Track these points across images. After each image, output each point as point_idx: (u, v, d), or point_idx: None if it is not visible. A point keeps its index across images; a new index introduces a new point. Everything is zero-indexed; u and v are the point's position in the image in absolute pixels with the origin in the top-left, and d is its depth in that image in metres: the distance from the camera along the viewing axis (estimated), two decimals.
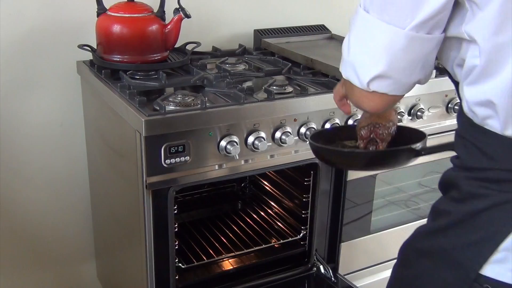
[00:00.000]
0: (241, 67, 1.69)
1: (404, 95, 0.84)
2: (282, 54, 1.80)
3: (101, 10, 1.57)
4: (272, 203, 1.90)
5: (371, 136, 1.09)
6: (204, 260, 1.62)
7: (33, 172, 1.77)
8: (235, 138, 1.37)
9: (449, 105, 1.70)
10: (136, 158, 1.32)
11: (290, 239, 1.72)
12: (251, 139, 1.40)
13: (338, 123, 1.51)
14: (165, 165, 1.31)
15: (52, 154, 1.77)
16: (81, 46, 1.60)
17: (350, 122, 1.54)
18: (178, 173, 1.34)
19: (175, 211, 1.41)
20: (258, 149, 1.40)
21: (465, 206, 0.78)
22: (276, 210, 1.87)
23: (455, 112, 1.71)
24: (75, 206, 1.87)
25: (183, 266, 1.56)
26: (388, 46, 0.76)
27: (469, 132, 0.79)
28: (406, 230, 1.82)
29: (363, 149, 1.08)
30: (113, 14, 1.54)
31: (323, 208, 1.63)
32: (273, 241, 1.73)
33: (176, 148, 1.31)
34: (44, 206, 1.82)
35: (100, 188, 1.75)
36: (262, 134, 1.41)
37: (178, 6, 1.57)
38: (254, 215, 1.86)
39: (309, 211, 1.64)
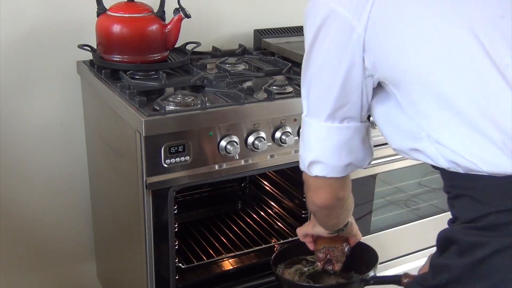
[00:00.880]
0: (241, 67, 1.69)
1: (345, 180, 0.98)
2: (282, 54, 1.80)
3: (101, 10, 1.57)
4: (272, 203, 1.90)
5: (327, 257, 1.30)
6: (204, 260, 1.62)
7: (33, 172, 1.77)
8: (235, 138, 1.37)
9: None
10: (136, 158, 1.32)
11: (290, 239, 1.72)
12: (251, 139, 1.40)
13: None
14: (165, 165, 1.31)
15: (52, 154, 1.77)
16: (81, 46, 1.60)
17: None
18: (178, 173, 1.34)
19: (175, 211, 1.41)
20: (258, 149, 1.40)
21: (465, 258, 0.77)
22: (276, 210, 1.87)
23: None
24: (75, 206, 1.87)
25: (183, 266, 1.56)
26: (315, 136, 0.93)
27: (458, 184, 0.81)
28: (406, 230, 1.83)
29: (319, 285, 1.30)
30: (113, 14, 1.54)
31: None
32: (273, 241, 1.73)
33: (176, 148, 1.31)
34: (44, 206, 1.82)
35: (100, 188, 1.75)
36: (262, 134, 1.41)
37: (178, 6, 1.57)
38: (254, 215, 1.86)
39: (309, 211, 1.64)
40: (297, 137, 1.46)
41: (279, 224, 1.82)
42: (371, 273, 1.26)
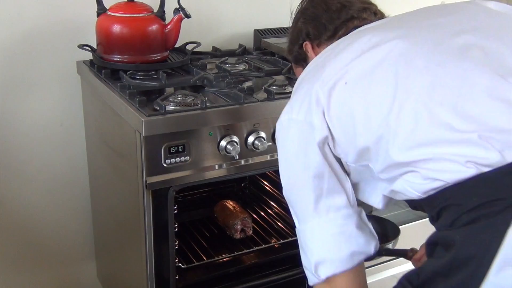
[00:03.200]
0: (241, 67, 1.69)
1: (358, 273, 0.97)
2: (282, 54, 1.79)
3: (101, 10, 1.57)
4: (272, 203, 1.90)
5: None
6: (204, 260, 1.62)
7: (33, 172, 1.77)
8: (235, 138, 1.37)
9: None
10: (136, 158, 1.32)
11: (290, 239, 1.72)
12: (251, 139, 1.40)
13: None
14: (165, 165, 1.31)
15: (52, 154, 1.77)
16: (81, 46, 1.60)
17: None
18: (178, 173, 1.34)
19: (175, 211, 1.41)
20: (258, 149, 1.40)
21: (450, 251, 0.80)
22: (276, 210, 1.87)
23: None
24: (75, 206, 1.87)
25: (183, 266, 1.56)
26: (310, 238, 0.96)
27: (434, 204, 0.85)
28: (406, 230, 1.82)
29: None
30: (113, 14, 1.54)
31: None
32: (273, 241, 1.73)
33: (176, 148, 1.31)
34: (44, 206, 1.82)
35: (100, 188, 1.75)
36: (262, 134, 1.41)
37: (178, 6, 1.57)
38: (254, 215, 1.86)
39: None
40: None
41: (279, 224, 1.82)
42: (388, 245, 1.36)
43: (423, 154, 0.83)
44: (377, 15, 1.14)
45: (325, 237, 0.94)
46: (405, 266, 1.79)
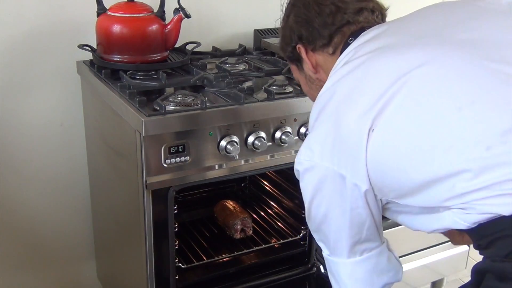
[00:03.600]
0: (241, 67, 1.69)
1: None
2: (282, 54, 1.79)
3: (101, 10, 1.57)
4: (272, 203, 1.90)
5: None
6: (204, 260, 1.62)
7: (33, 172, 1.77)
8: (235, 138, 1.37)
9: None
10: (136, 158, 1.32)
11: (290, 239, 1.72)
12: (251, 139, 1.40)
13: None
14: (165, 165, 1.31)
15: (52, 154, 1.77)
16: (81, 46, 1.60)
17: None
18: (178, 173, 1.34)
19: (175, 211, 1.41)
20: (258, 149, 1.40)
21: (503, 283, 0.80)
22: (276, 210, 1.87)
23: None
24: (75, 206, 1.87)
25: (183, 266, 1.56)
26: (344, 273, 0.98)
27: (486, 234, 0.83)
28: (406, 230, 1.82)
29: None
30: (113, 14, 1.54)
31: None
32: (273, 241, 1.73)
33: (176, 148, 1.31)
34: (44, 206, 1.82)
35: (100, 188, 1.75)
36: (262, 134, 1.41)
37: (178, 6, 1.57)
38: (254, 215, 1.86)
39: None
40: (297, 137, 1.47)
41: (279, 224, 1.81)
42: None
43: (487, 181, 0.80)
44: (375, 12, 1.07)
45: (359, 274, 0.97)
46: (405, 267, 1.79)
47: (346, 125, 0.89)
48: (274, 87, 1.47)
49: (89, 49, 1.60)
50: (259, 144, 1.39)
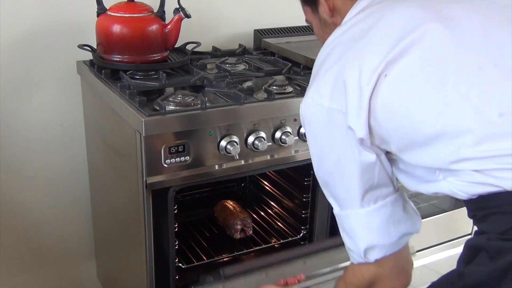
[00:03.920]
0: (241, 67, 1.69)
1: (406, 249, 0.98)
2: (282, 54, 1.80)
3: (101, 10, 1.57)
4: (272, 203, 1.90)
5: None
6: (204, 260, 1.62)
7: (33, 172, 1.77)
8: (235, 138, 1.37)
9: None
10: (136, 158, 1.32)
11: (290, 239, 1.72)
12: (251, 139, 1.40)
13: None
14: (165, 165, 1.31)
15: (52, 154, 1.77)
16: (81, 46, 1.60)
17: None
18: (178, 173, 1.34)
19: (175, 211, 1.41)
20: (258, 149, 1.40)
21: (496, 262, 0.79)
22: (276, 210, 1.87)
23: None
24: (75, 206, 1.87)
25: (183, 266, 1.56)
26: (357, 225, 0.93)
27: (483, 207, 0.83)
28: None
29: None
30: (113, 14, 1.54)
31: (323, 208, 1.63)
32: (273, 241, 1.74)
33: (176, 148, 1.31)
34: (44, 206, 1.82)
35: (100, 188, 1.75)
36: (262, 134, 1.41)
37: (178, 6, 1.57)
38: (254, 215, 1.86)
39: (309, 211, 1.64)
40: (297, 137, 1.46)
41: (279, 224, 1.82)
42: None
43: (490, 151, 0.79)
44: None
45: (374, 225, 0.92)
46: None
47: (357, 66, 0.85)
48: (274, 87, 1.47)
49: (89, 49, 1.60)
50: (259, 144, 1.39)
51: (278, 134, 1.43)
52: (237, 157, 1.40)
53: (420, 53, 0.82)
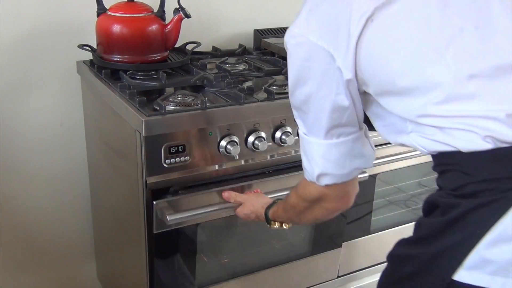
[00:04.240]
0: (241, 67, 1.69)
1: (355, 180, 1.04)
2: (282, 54, 1.79)
3: (101, 10, 1.57)
4: None
5: None
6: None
7: (33, 172, 1.77)
8: (235, 138, 1.37)
9: None
10: (136, 158, 1.32)
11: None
12: (251, 139, 1.40)
13: None
14: (165, 165, 1.31)
15: (52, 154, 1.77)
16: (81, 46, 1.60)
17: None
18: (178, 173, 1.34)
19: None
20: (258, 149, 1.40)
21: (444, 217, 0.84)
22: None
23: None
24: (75, 206, 1.87)
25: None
26: (317, 152, 0.98)
27: (443, 163, 0.87)
28: (406, 230, 1.82)
29: None
30: (113, 14, 1.54)
31: None
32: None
33: (176, 148, 1.31)
34: (44, 206, 1.82)
35: (100, 188, 1.75)
36: (262, 134, 1.41)
37: (178, 6, 1.57)
38: None
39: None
40: (297, 137, 1.46)
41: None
42: None
43: (448, 111, 0.82)
44: None
45: (331, 156, 0.97)
46: None
47: (348, 7, 0.87)
48: (274, 87, 1.47)
49: (89, 49, 1.60)
50: (259, 144, 1.39)
51: (278, 134, 1.43)
52: (237, 157, 1.40)
53: (408, 5, 0.85)
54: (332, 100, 0.92)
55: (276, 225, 1.25)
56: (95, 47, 1.60)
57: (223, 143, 1.36)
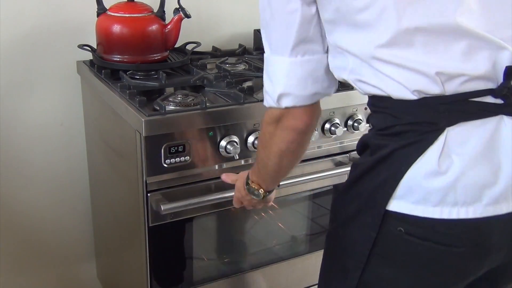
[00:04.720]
0: (241, 67, 1.69)
1: (314, 108, 1.04)
2: None
3: (101, 10, 1.57)
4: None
5: None
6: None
7: (33, 172, 1.77)
8: (235, 138, 1.37)
9: None
10: (136, 158, 1.32)
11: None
12: (251, 139, 1.40)
13: (338, 123, 1.51)
14: (165, 165, 1.31)
15: (52, 154, 1.77)
16: (81, 46, 1.60)
17: (350, 122, 1.54)
18: (178, 173, 1.34)
19: None
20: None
21: (374, 156, 0.93)
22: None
23: None
24: (75, 206, 1.87)
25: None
26: (280, 71, 1.00)
27: (375, 104, 0.96)
28: None
29: None
30: (113, 14, 1.54)
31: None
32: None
33: (176, 148, 1.31)
34: (44, 205, 1.82)
35: (100, 188, 1.76)
36: None
37: (178, 6, 1.57)
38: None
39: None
40: None
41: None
42: None
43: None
44: None
45: (295, 75, 1.00)
46: None
47: None
48: None
49: (89, 49, 1.60)
50: None
51: None
52: (237, 157, 1.40)
53: None
54: (300, 10, 0.96)
55: (254, 186, 1.20)
56: (95, 47, 1.60)
57: (223, 143, 1.36)
